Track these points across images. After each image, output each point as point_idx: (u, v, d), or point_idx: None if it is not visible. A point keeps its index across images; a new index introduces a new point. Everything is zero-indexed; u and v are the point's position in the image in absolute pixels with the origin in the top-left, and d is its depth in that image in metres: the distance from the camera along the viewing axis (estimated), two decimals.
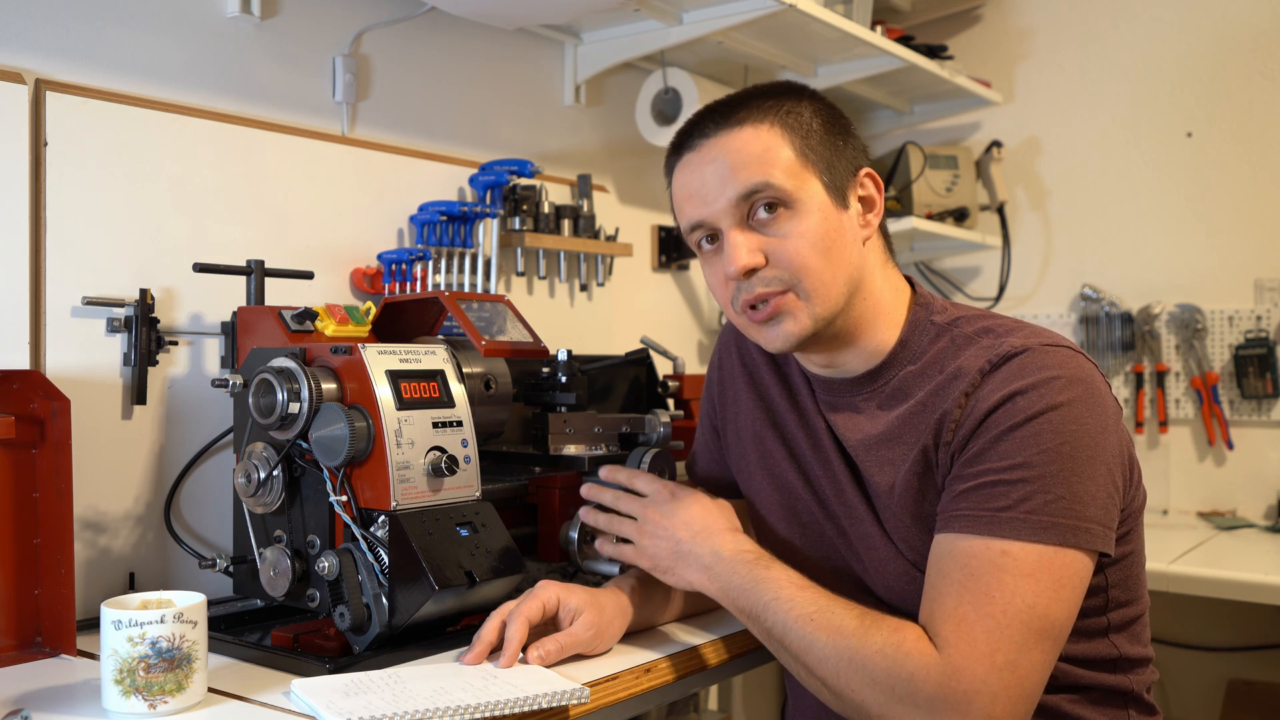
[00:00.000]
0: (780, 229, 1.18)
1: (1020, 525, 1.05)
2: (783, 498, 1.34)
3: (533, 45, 2.18)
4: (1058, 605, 1.04)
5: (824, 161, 1.20)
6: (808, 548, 1.32)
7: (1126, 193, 2.71)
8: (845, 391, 1.27)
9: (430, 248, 1.86)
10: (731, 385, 1.43)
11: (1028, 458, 1.07)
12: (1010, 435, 1.08)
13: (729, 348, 1.45)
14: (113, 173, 1.49)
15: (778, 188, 1.17)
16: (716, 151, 1.20)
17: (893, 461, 1.21)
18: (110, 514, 1.48)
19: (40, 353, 1.41)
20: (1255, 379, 2.50)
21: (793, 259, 1.17)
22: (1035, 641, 1.03)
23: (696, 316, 2.62)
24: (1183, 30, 2.63)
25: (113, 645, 1.05)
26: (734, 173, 1.18)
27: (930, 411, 1.18)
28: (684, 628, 1.41)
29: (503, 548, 1.29)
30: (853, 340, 1.24)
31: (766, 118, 1.20)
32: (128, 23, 1.54)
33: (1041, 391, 1.09)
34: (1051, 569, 1.04)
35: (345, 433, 1.23)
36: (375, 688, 1.09)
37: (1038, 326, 1.20)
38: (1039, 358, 1.12)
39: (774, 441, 1.35)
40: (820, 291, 1.18)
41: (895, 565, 1.21)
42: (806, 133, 1.20)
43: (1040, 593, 1.03)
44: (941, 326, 1.23)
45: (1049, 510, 1.05)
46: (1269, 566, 1.99)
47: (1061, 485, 1.06)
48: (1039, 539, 1.04)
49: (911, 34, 2.51)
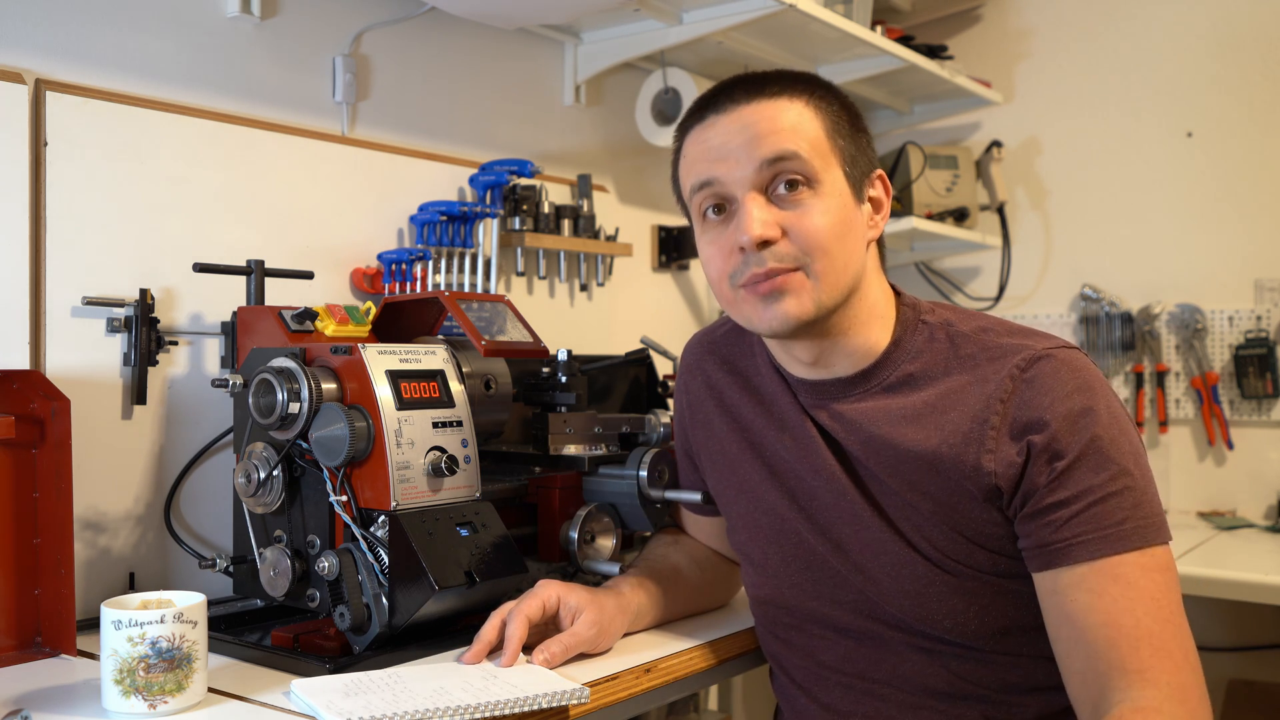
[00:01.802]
0: (800, 203, 1.14)
1: (1145, 531, 1.08)
2: (769, 521, 1.28)
3: (533, 45, 2.18)
4: (1180, 591, 1.10)
5: (848, 151, 1.18)
6: (799, 573, 1.26)
7: (1126, 193, 2.70)
8: (835, 392, 1.22)
9: (430, 248, 1.86)
10: (701, 410, 1.38)
11: (1121, 466, 1.09)
12: (1094, 448, 1.09)
13: (693, 371, 1.40)
14: (113, 173, 1.49)
15: (806, 161, 1.13)
16: (748, 117, 1.15)
17: (901, 452, 1.17)
18: (110, 514, 1.48)
19: (40, 353, 1.41)
20: (1255, 379, 2.50)
21: (810, 237, 1.13)
22: (1188, 626, 1.08)
23: (696, 316, 2.62)
24: (1183, 30, 2.63)
25: (113, 645, 1.05)
26: (764, 138, 1.14)
27: (949, 410, 1.15)
28: (684, 628, 1.41)
29: (503, 548, 1.29)
30: (843, 339, 1.20)
31: (800, 95, 1.17)
32: (128, 23, 1.54)
33: (1096, 400, 1.11)
34: (1170, 560, 1.09)
35: (345, 433, 1.23)
36: (375, 688, 1.09)
37: (1030, 328, 1.20)
38: (1064, 362, 1.13)
39: (751, 464, 1.29)
40: (830, 275, 1.14)
41: (911, 567, 1.17)
42: (836, 119, 1.18)
43: (1175, 584, 1.09)
44: (934, 326, 1.21)
45: (1150, 510, 1.09)
46: (1269, 566, 1.99)
47: (1149, 484, 1.11)
48: (1158, 539, 1.08)
49: (911, 34, 2.51)
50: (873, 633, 1.22)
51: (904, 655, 1.20)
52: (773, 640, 1.33)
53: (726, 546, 1.49)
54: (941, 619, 1.16)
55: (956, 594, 1.15)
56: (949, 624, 1.16)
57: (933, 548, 1.16)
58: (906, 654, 1.20)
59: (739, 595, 1.56)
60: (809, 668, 1.28)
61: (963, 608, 1.15)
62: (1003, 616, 1.15)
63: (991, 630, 1.16)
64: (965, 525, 1.14)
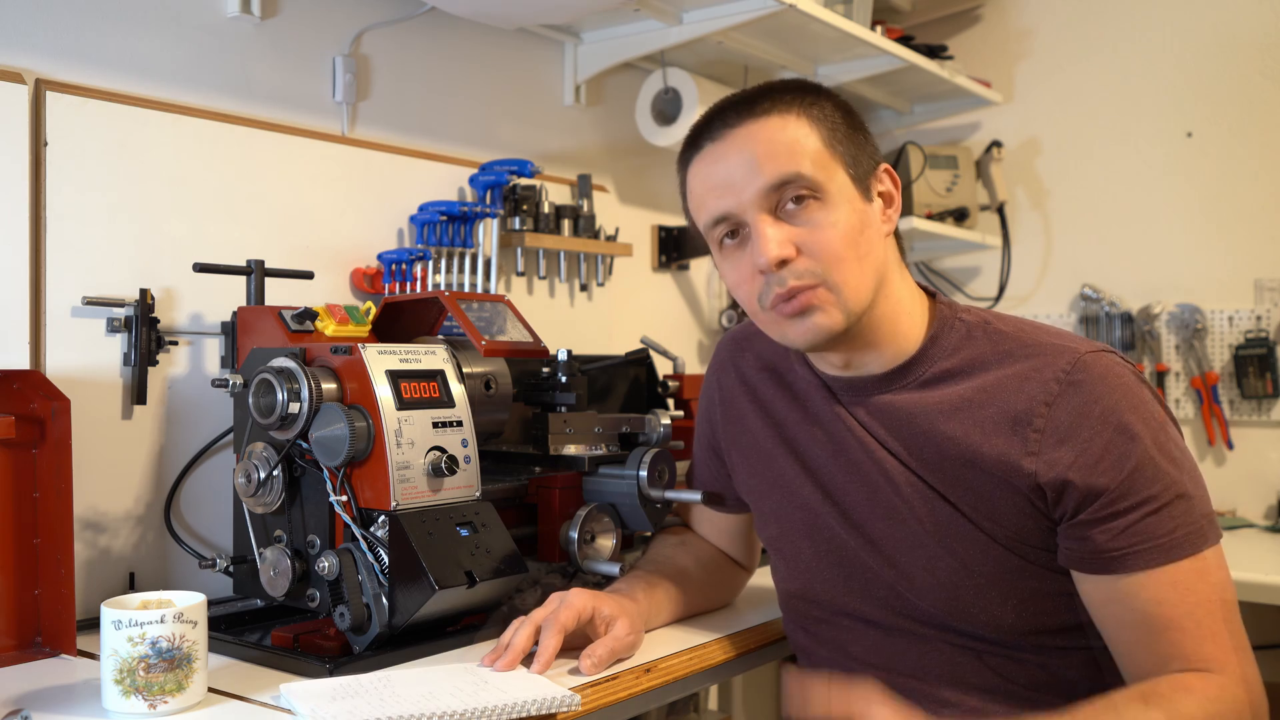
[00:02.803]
0: (810, 219, 1.14)
1: (1195, 538, 1.10)
2: (802, 516, 1.29)
3: (533, 45, 2.18)
4: (1233, 583, 1.13)
5: (849, 154, 1.18)
6: (831, 568, 1.27)
7: (1126, 193, 2.70)
8: (872, 388, 1.23)
9: (430, 248, 1.86)
10: (734, 405, 1.39)
11: (1172, 475, 1.10)
12: (1146, 460, 1.09)
13: (726, 367, 1.41)
14: (113, 173, 1.49)
15: (809, 178, 1.14)
16: (743, 141, 1.16)
17: (938, 445, 1.17)
18: (110, 514, 1.48)
19: (40, 353, 1.41)
20: (1255, 379, 2.50)
21: (825, 249, 1.13)
22: (1241, 620, 1.12)
23: (696, 316, 2.62)
24: (1183, 30, 2.63)
25: (113, 645, 1.05)
26: (763, 162, 1.14)
27: (987, 405, 1.15)
28: (684, 628, 1.41)
29: (503, 548, 1.29)
30: (875, 338, 1.21)
31: (792, 108, 1.17)
32: (128, 23, 1.54)
33: (1143, 409, 1.12)
34: (1221, 557, 1.12)
35: (345, 433, 1.23)
36: (364, 692, 1.08)
37: (1062, 329, 1.21)
38: (1109, 368, 1.13)
39: (786, 459, 1.31)
40: (851, 284, 1.15)
41: (945, 561, 1.17)
42: (832, 124, 1.18)
43: (1229, 580, 1.12)
44: (972, 324, 1.22)
45: (1200, 513, 1.11)
46: (1269, 566, 1.99)
47: (1196, 485, 1.12)
48: (1209, 542, 1.10)
49: (911, 34, 2.51)
50: (903, 627, 1.23)
51: (933, 648, 1.21)
52: (801, 634, 1.34)
53: (736, 546, 1.50)
54: (976, 614, 1.17)
55: (991, 589, 1.16)
56: (983, 619, 1.17)
57: (966, 544, 1.16)
58: (936, 647, 1.21)
59: (740, 595, 1.56)
60: (837, 660, 1.28)
61: (998, 603, 1.16)
62: (1040, 613, 1.16)
63: (1027, 627, 1.17)
64: (1000, 520, 1.15)
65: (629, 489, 1.49)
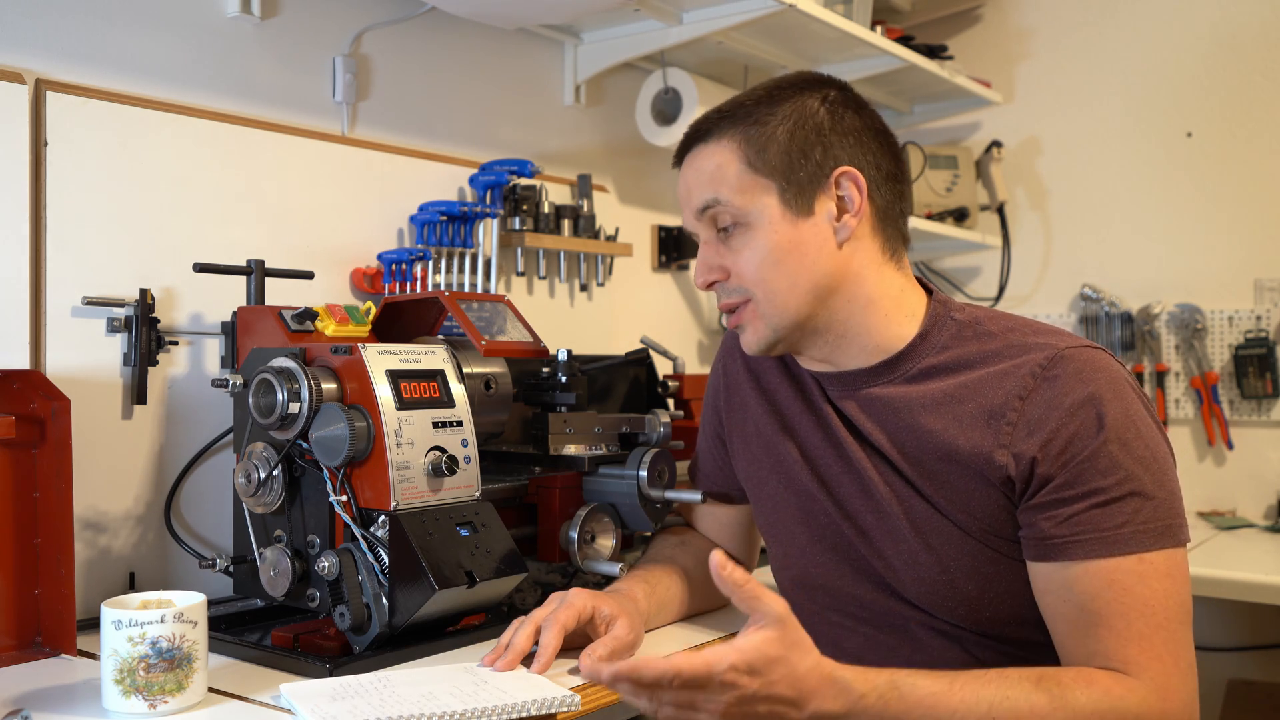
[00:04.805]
0: (735, 243, 1.22)
1: (1144, 536, 1.09)
2: (800, 502, 1.31)
3: (533, 45, 2.18)
4: (1189, 596, 1.11)
5: (780, 171, 1.20)
6: (826, 553, 1.29)
7: (1126, 193, 2.71)
8: (862, 381, 1.25)
9: (430, 248, 1.86)
10: (738, 392, 1.41)
11: (1128, 470, 1.09)
12: (1103, 451, 1.09)
13: (733, 354, 1.44)
14: (113, 173, 1.49)
15: (725, 204, 1.21)
16: (685, 168, 1.27)
17: (919, 439, 1.19)
18: (110, 514, 1.48)
19: (40, 353, 1.41)
20: (1255, 379, 2.50)
21: (743, 273, 1.22)
22: (1189, 634, 1.09)
23: (696, 316, 2.62)
24: (1183, 30, 2.63)
25: (113, 645, 1.05)
26: (692, 191, 1.24)
27: (966, 401, 1.17)
28: (685, 628, 1.41)
29: (503, 548, 1.29)
30: (845, 337, 1.24)
31: (727, 132, 1.22)
32: (128, 23, 1.54)
33: (1114, 402, 1.11)
34: (1176, 565, 1.10)
35: (345, 433, 1.23)
36: (363, 692, 1.09)
37: (1057, 327, 1.22)
38: (1087, 362, 1.14)
39: (788, 446, 1.33)
40: (774, 302, 1.21)
41: (924, 555, 1.19)
42: (765, 144, 1.20)
43: (1180, 590, 1.09)
44: (963, 323, 1.23)
45: (1155, 516, 1.10)
46: (1269, 566, 1.99)
47: (1161, 489, 1.11)
48: (1159, 545, 1.09)
49: (911, 34, 2.51)
50: (893, 617, 1.24)
51: (924, 641, 1.22)
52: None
53: (737, 544, 1.51)
54: (956, 607, 1.18)
55: (970, 583, 1.17)
56: (963, 611, 1.18)
57: (942, 539, 1.18)
58: (926, 639, 1.22)
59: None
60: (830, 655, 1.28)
61: (975, 595, 1.17)
62: (1021, 606, 1.17)
63: (1010, 619, 1.18)
64: (975, 514, 1.16)
65: (629, 489, 1.49)
